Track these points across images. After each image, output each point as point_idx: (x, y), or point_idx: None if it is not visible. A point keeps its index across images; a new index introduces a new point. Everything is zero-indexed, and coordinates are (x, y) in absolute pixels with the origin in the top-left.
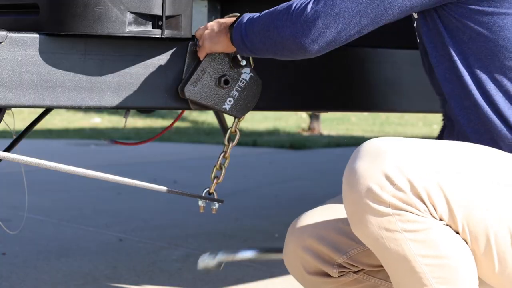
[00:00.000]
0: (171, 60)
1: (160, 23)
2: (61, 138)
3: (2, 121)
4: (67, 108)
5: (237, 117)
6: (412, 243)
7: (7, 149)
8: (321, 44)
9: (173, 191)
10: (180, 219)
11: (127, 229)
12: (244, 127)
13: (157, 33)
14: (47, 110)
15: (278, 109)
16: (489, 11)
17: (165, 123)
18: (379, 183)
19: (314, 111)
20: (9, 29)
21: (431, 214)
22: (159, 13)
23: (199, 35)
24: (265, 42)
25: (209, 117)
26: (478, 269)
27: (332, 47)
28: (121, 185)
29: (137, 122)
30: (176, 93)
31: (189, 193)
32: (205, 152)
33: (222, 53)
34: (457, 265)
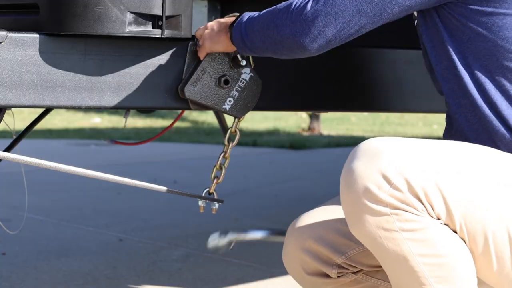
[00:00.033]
0: (171, 60)
1: (160, 23)
2: (61, 138)
3: (2, 121)
4: (67, 108)
5: (237, 117)
6: (410, 242)
7: (7, 149)
8: (320, 43)
9: (173, 191)
10: (180, 219)
11: (127, 229)
12: (244, 127)
13: (157, 33)
14: (47, 110)
15: (278, 109)
16: (488, 11)
17: (165, 123)
18: (376, 182)
19: (314, 111)
20: (9, 29)
21: (428, 214)
22: (159, 13)
23: (199, 35)
24: (264, 41)
25: (209, 117)
26: (477, 269)
27: (331, 46)
28: (121, 185)
29: (137, 122)
30: (176, 93)
31: (189, 193)
32: (205, 152)
33: (222, 53)
34: (455, 264)
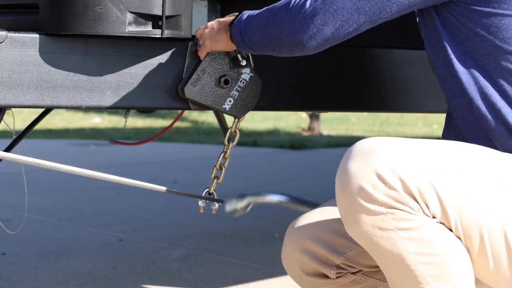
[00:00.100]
0: (171, 60)
1: (160, 23)
2: (61, 138)
3: (2, 121)
4: (67, 108)
5: (237, 117)
6: (406, 241)
7: (7, 149)
8: (319, 40)
9: (173, 191)
10: (180, 219)
11: (127, 229)
12: (244, 127)
13: (157, 33)
14: (47, 110)
15: (278, 109)
16: (488, 11)
17: (165, 123)
18: (371, 182)
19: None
20: (9, 29)
21: (424, 212)
22: (159, 13)
23: (199, 34)
24: (264, 38)
25: (209, 117)
26: (474, 268)
27: (330, 44)
28: (121, 185)
29: (137, 122)
30: (176, 93)
31: (189, 193)
32: (205, 152)
33: (222, 53)
34: (451, 262)
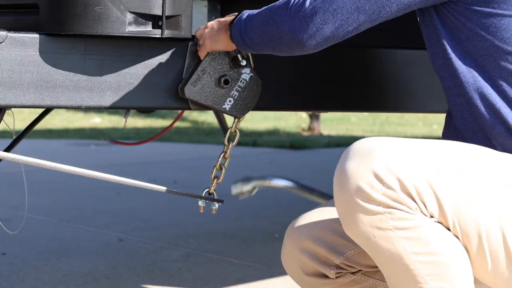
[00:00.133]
0: (171, 60)
1: (160, 23)
2: (61, 138)
3: (2, 121)
4: (67, 108)
5: (237, 117)
6: (404, 240)
7: (7, 149)
8: (318, 39)
9: (173, 191)
10: (180, 219)
11: (127, 229)
12: (244, 127)
13: (157, 33)
14: (47, 110)
15: (278, 109)
16: (487, 11)
17: (165, 123)
18: (369, 182)
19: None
20: (9, 29)
21: (421, 212)
22: (159, 13)
23: (199, 34)
24: (263, 38)
25: (209, 117)
26: (472, 268)
27: (330, 43)
28: (121, 185)
29: (137, 122)
30: (176, 93)
31: (189, 193)
32: (205, 152)
33: (222, 53)
34: (449, 262)
